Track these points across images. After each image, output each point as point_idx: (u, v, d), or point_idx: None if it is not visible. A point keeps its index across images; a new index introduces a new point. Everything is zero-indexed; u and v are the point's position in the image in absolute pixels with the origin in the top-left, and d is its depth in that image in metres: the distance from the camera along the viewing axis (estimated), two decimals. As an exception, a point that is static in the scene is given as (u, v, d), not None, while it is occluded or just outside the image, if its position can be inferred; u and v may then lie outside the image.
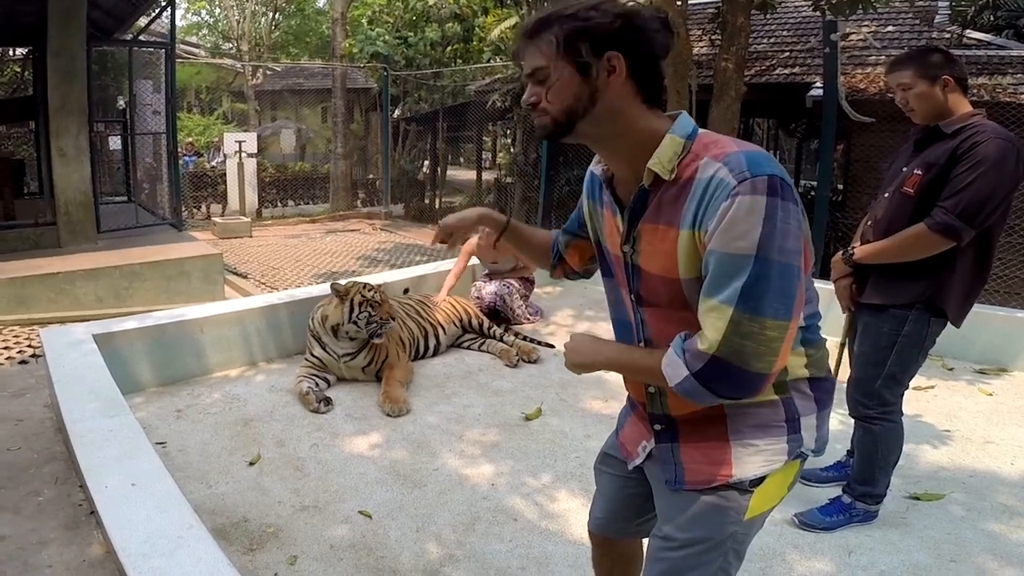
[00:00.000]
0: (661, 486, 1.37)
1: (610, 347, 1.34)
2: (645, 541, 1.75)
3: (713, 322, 1.09)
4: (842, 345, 2.85)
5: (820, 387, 1.30)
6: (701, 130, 1.19)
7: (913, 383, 3.91)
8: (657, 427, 1.36)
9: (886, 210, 2.44)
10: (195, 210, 14.29)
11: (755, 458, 1.26)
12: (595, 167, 1.38)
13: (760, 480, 1.27)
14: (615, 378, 4.09)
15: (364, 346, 3.83)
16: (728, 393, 1.13)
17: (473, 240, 5.13)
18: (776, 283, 1.07)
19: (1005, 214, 2.32)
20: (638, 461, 1.46)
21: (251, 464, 2.98)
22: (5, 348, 4.94)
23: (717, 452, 1.27)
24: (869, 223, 2.54)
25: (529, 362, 4.30)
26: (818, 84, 7.43)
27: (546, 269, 1.70)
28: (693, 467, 1.30)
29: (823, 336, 1.32)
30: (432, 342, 4.39)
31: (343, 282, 3.88)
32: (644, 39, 1.14)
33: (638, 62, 1.15)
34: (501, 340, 4.49)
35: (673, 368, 1.14)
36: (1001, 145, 2.20)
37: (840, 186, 9.28)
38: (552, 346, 4.57)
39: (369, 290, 3.78)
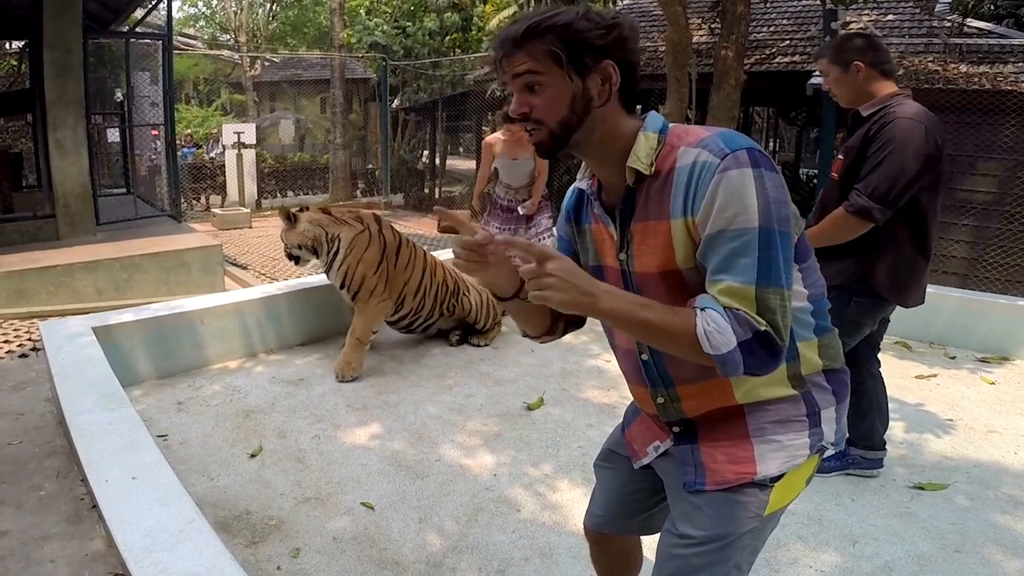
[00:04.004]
0: (677, 485, 1.34)
1: (616, 293, 1.12)
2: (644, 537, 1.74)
3: (742, 302, 1.07)
4: None
5: (836, 379, 1.29)
6: (671, 123, 1.22)
7: (915, 372, 3.96)
8: (676, 430, 1.34)
9: (822, 195, 2.62)
10: (194, 201, 14.26)
11: (778, 455, 1.24)
12: (580, 183, 1.35)
13: (780, 475, 1.25)
14: (616, 367, 4.06)
15: (331, 261, 3.94)
16: (759, 367, 1.10)
17: (495, 136, 5.11)
18: (779, 252, 1.09)
19: (931, 191, 2.43)
20: (646, 461, 1.44)
21: (252, 456, 2.98)
22: (5, 342, 4.93)
23: (739, 451, 1.25)
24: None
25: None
26: (818, 72, 7.39)
27: (536, 328, 1.42)
28: (715, 468, 1.27)
29: (833, 326, 1.31)
30: (431, 322, 4.31)
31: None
32: (628, 48, 1.18)
33: (624, 71, 1.18)
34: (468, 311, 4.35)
35: (721, 336, 1.06)
36: (906, 124, 2.33)
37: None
38: None
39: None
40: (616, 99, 1.19)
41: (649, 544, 1.78)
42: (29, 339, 4.98)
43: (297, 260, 4.06)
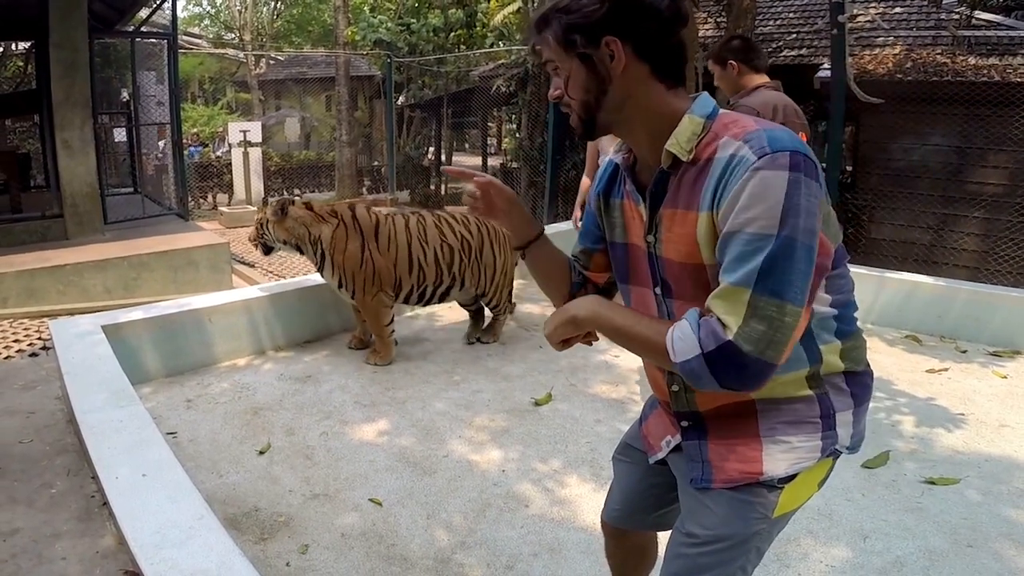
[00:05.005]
0: (686, 482, 1.32)
1: (609, 307, 1.19)
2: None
3: (730, 306, 1.02)
4: None
5: (857, 381, 1.24)
6: (722, 110, 1.15)
7: (926, 366, 3.95)
8: (684, 424, 1.31)
9: None
10: (201, 200, 14.32)
11: (787, 456, 1.20)
12: (615, 156, 1.32)
13: (790, 477, 1.22)
14: (625, 363, 4.09)
15: (321, 263, 3.94)
16: (732, 382, 1.04)
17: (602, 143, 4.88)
18: (796, 265, 1.01)
19: None
20: (660, 455, 1.42)
21: (261, 453, 2.98)
22: (16, 341, 4.96)
23: (747, 450, 1.22)
24: None
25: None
26: (826, 66, 7.34)
27: (559, 294, 1.44)
28: (721, 465, 1.25)
29: (859, 327, 1.26)
30: (443, 287, 4.14)
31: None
32: (642, 15, 1.10)
33: (641, 41, 1.11)
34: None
35: (684, 343, 1.05)
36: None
37: (849, 167, 9.21)
38: None
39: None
40: (644, 73, 1.13)
41: (664, 540, 1.78)
42: (39, 338, 5.00)
43: (269, 250, 4.06)
